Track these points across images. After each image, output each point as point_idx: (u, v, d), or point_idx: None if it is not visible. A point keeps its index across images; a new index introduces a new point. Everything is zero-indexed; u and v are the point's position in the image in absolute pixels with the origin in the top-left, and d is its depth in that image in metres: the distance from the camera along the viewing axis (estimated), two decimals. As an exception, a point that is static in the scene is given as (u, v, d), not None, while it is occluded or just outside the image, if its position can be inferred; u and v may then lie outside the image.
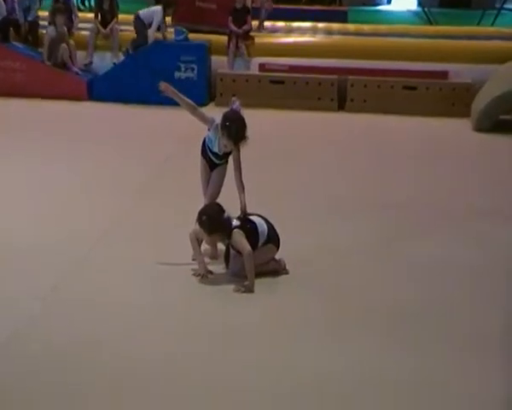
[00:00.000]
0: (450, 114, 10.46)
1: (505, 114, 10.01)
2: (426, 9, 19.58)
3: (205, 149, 5.42)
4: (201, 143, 5.44)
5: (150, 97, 10.14)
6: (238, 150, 5.21)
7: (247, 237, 5.01)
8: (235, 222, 5.02)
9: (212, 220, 4.94)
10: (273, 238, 5.20)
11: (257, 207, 5.26)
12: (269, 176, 7.06)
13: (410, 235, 6.06)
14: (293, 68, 11.24)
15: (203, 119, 5.36)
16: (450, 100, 10.74)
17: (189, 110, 5.35)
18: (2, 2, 11.46)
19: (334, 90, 11.01)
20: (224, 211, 5.01)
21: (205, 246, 5.26)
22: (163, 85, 5.35)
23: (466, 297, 4.90)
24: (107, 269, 5.17)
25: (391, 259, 5.54)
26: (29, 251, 5.39)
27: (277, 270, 5.20)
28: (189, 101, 5.35)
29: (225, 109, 5.30)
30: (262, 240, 5.11)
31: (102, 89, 10.95)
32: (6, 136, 8.84)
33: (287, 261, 5.21)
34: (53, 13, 11.36)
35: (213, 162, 5.41)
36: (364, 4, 23.80)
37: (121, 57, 11.38)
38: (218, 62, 11.30)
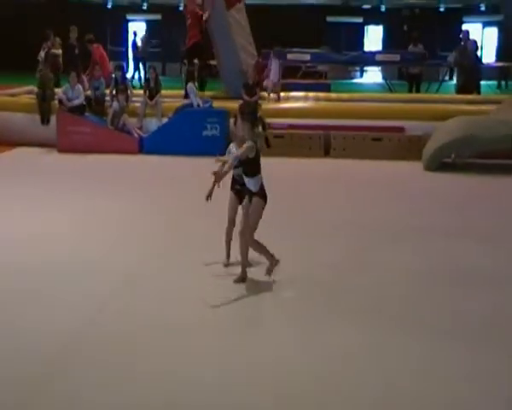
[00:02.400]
0: (407, 158, 10.49)
1: (447, 158, 10.13)
2: (388, 81, 19.76)
3: (233, 181, 5.26)
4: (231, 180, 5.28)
5: (187, 150, 10.43)
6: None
7: (256, 159, 4.73)
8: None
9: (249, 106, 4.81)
10: (264, 194, 4.89)
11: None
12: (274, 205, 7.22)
13: (381, 246, 6.16)
14: (290, 126, 11.37)
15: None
16: (406, 148, 10.79)
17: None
18: (82, 89, 11.74)
19: (321, 142, 11.10)
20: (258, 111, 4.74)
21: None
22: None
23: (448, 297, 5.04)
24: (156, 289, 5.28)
25: (372, 265, 5.64)
26: (87, 268, 5.47)
27: (270, 264, 4.95)
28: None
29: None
30: (257, 183, 4.82)
31: (150, 145, 11.09)
32: (77, 179, 9.11)
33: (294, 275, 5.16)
34: (116, 92, 11.64)
35: (241, 182, 5.09)
36: (343, 78, 24.00)
37: (163, 121, 11.60)
38: (235, 123, 11.38)
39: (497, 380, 3.78)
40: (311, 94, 13.93)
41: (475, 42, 15.22)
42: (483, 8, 27.28)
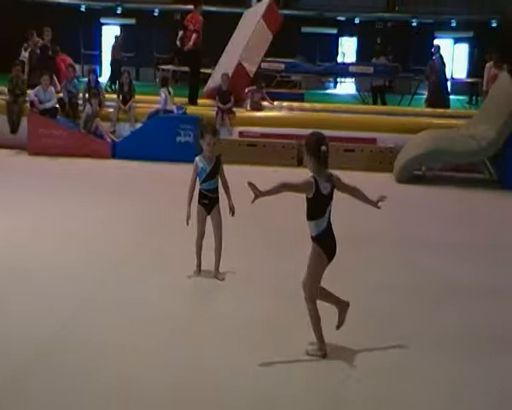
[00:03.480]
0: (378, 170, 10.60)
1: (417, 170, 10.29)
2: (361, 93, 19.99)
3: (201, 196, 5.35)
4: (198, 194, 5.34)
5: (160, 156, 10.37)
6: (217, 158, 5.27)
7: (316, 200, 3.99)
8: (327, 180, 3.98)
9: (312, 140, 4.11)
10: (325, 243, 4.08)
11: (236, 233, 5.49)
12: (246, 216, 7.23)
13: (357, 257, 6.16)
14: (263, 135, 11.41)
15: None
16: (378, 159, 10.91)
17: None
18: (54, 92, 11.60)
19: (294, 152, 11.14)
20: (325, 145, 4.04)
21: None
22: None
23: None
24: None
25: (348, 277, 5.60)
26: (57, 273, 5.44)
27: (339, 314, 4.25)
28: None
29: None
30: (317, 228, 4.15)
31: (122, 150, 11.01)
32: (49, 183, 8.99)
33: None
34: (89, 96, 11.53)
35: (209, 196, 5.28)
36: (317, 88, 24.20)
37: (136, 126, 11.55)
38: (209, 131, 11.36)
39: (495, 381, 3.85)
40: (284, 103, 13.99)
41: (441, 57, 15.46)
42: (454, 25, 27.78)
